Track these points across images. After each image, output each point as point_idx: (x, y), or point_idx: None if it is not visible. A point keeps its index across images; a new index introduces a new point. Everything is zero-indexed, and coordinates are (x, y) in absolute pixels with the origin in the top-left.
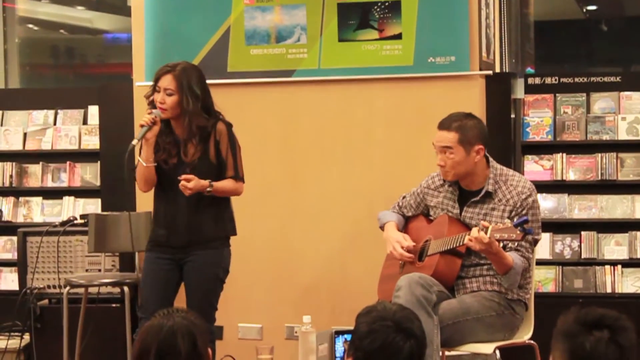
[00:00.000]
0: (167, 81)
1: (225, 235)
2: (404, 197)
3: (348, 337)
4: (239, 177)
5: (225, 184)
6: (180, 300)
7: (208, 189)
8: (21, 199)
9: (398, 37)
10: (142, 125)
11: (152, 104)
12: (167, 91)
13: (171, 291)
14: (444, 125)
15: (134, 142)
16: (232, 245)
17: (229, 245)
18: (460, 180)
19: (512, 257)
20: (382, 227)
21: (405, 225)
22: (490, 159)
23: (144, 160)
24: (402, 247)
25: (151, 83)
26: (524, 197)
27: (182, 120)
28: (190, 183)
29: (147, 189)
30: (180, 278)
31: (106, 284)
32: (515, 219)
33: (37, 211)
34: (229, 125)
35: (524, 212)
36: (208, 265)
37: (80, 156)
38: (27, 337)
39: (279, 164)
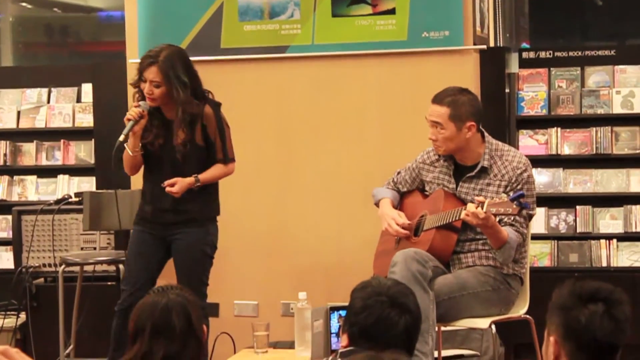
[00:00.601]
0: (152, 73)
1: (210, 215)
2: (398, 173)
3: (343, 313)
4: (228, 159)
5: (213, 171)
6: (171, 277)
7: (197, 184)
8: (15, 177)
9: (392, 12)
10: (129, 119)
11: (140, 93)
12: (154, 83)
13: (155, 265)
14: (437, 98)
15: (121, 137)
16: (227, 222)
17: (216, 222)
18: (455, 155)
19: (507, 232)
20: (376, 204)
21: (400, 201)
22: (486, 134)
23: (130, 150)
24: (397, 224)
25: None
26: (520, 172)
27: (172, 106)
28: (174, 187)
29: (134, 173)
30: (165, 255)
31: (101, 262)
32: (510, 194)
33: (32, 190)
34: (216, 106)
35: (519, 187)
36: (195, 242)
37: (74, 134)
38: (23, 315)
39: (273, 140)
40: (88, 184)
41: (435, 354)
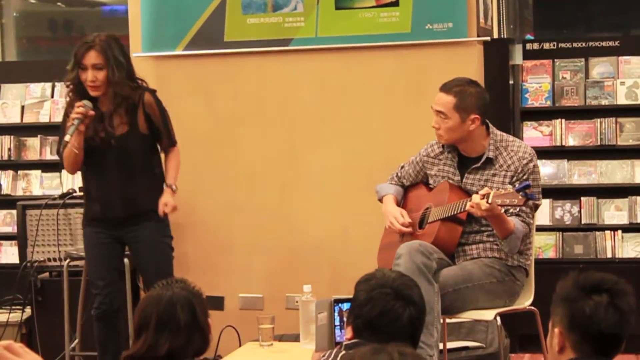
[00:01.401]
0: (92, 57)
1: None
2: (402, 167)
3: (347, 305)
4: (173, 142)
5: (175, 167)
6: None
7: (174, 189)
8: (20, 172)
9: (395, 4)
10: (74, 119)
11: (75, 93)
12: (97, 66)
13: (116, 262)
14: (445, 87)
15: (67, 137)
16: (232, 216)
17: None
18: (458, 146)
19: (513, 222)
20: (380, 200)
21: (404, 194)
22: (491, 126)
23: (75, 148)
24: (399, 223)
25: (149, 54)
26: (525, 162)
27: (107, 93)
28: (167, 208)
29: (75, 171)
30: (122, 250)
31: None
32: (516, 184)
33: (36, 184)
34: (154, 93)
35: (525, 177)
36: (155, 237)
37: None
38: (28, 310)
39: (277, 133)
40: None
41: (440, 345)
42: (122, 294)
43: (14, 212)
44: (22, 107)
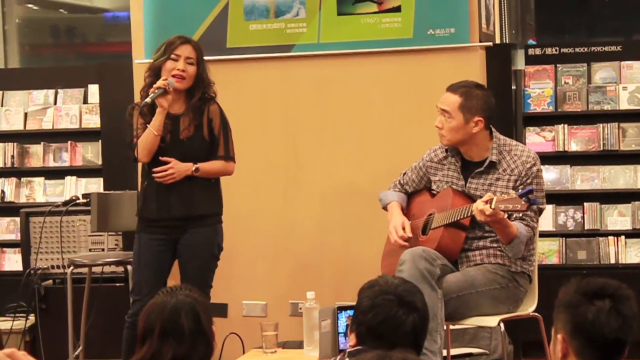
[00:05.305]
0: (188, 50)
1: (218, 212)
2: (404, 174)
3: (351, 312)
4: (229, 157)
5: (214, 164)
6: (174, 278)
7: (195, 173)
8: (23, 179)
9: (397, 9)
10: (157, 88)
11: (157, 76)
12: (189, 60)
13: (165, 273)
14: (452, 87)
15: (148, 99)
16: (235, 222)
17: (222, 222)
18: (461, 150)
19: (517, 226)
20: (384, 208)
21: (408, 201)
22: (494, 130)
23: (154, 129)
24: (398, 235)
25: (150, 61)
26: (529, 167)
27: (178, 100)
28: (169, 170)
29: (148, 160)
30: (174, 257)
31: (110, 263)
32: (520, 189)
33: (40, 191)
34: (220, 107)
35: (529, 181)
36: (204, 243)
37: (81, 135)
38: (32, 317)
39: (280, 139)
40: (95, 185)
41: (444, 352)
42: None
43: (18, 219)
44: (25, 114)
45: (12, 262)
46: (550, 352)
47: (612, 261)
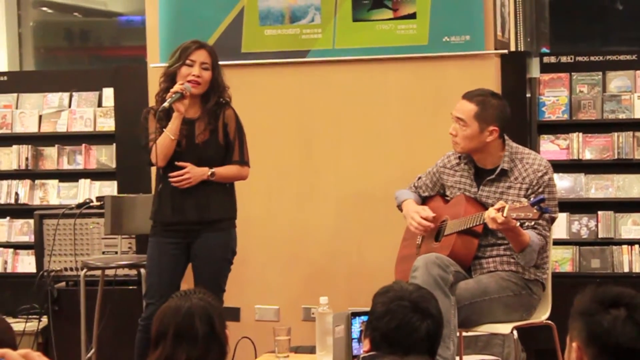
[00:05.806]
0: (203, 56)
1: (232, 216)
2: (419, 178)
3: (365, 318)
4: (244, 161)
5: (229, 169)
6: (188, 282)
7: (211, 177)
8: (37, 181)
9: (412, 16)
10: (174, 92)
11: (173, 81)
12: (204, 65)
13: (179, 277)
14: (468, 95)
15: (166, 104)
16: (249, 227)
17: (235, 227)
18: (474, 157)
19: (529, 235)
20: (399, 206)
21: (422, 205)
22: (507, 138)
23: (171, 134)
24: (421, 217)
25: (165, 65)
26: (540, 175)
27: (193, 104)
28: (185, 174)
29: (164, 164)
30: (188, 260)
31: (123, 266)
32: (531, 197)
33: (53, 194)
34: (235, 111)
35: (540, 190)
36: (218, 247)
37: (95, 138)
38: (45, 319)
39: (294, 144)
40: (109, 188)
41: (457, 359)
42: None
43: (31, 221)
44: (40, 117)
45: (26, 264)
46: None
47: (626, 270)
